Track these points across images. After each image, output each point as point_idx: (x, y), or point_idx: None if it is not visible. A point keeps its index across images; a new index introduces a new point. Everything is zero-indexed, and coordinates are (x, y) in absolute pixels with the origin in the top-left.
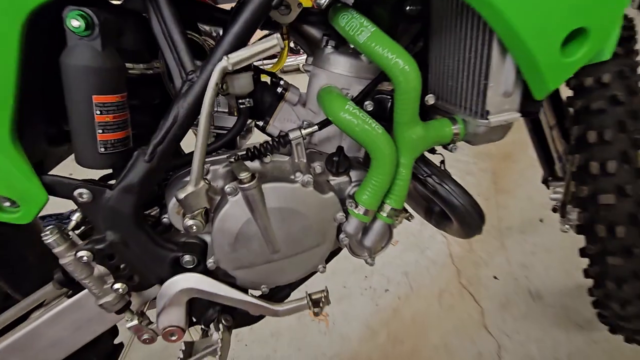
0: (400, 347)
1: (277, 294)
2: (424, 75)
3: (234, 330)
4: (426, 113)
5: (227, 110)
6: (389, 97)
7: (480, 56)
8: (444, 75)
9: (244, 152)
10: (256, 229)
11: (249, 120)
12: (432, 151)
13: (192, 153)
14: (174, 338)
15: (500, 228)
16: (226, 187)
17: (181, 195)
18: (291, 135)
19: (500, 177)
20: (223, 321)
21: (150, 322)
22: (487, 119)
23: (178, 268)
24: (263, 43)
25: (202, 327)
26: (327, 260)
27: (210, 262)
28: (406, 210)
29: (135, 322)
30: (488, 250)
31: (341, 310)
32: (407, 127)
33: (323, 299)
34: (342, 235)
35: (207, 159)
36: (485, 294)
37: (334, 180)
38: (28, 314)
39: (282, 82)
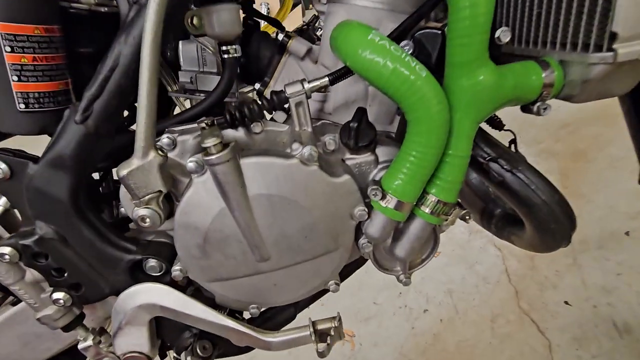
0: None
1: (276, 317)
2: None
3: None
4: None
5: (215, 70)
6: (438, 31)
7: None
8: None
9: (223, 117)
10: (234, 225)
11: (248, 86)
12: (497, 125)
13: (167, 120)
14: None
15: (572, 242)
16: (188, 160)
17: (122, 172)
18: (289, 91)
19: (571, 180)
20: (199, 350)
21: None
22: (612, 50)
23: (141, 275)
24: None
25: (175, 355)
26: (344, 276)
27: (175, 271)
28: (461, 206)
29: (90, 342)
30: (556, 269)
31: (369, 331)
32: (470, 71)
33: (332, 332)
34: (362, 240)
35: (174, 127)
36: (553, 323)
37: (353, 159)
38: None
39: (287, 31)
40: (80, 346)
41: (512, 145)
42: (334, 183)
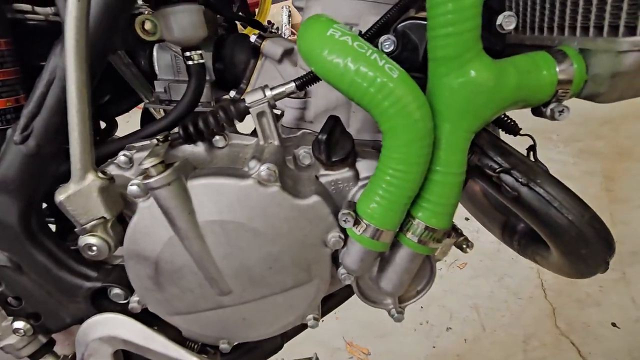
0: None
1: (262, 347)
2: None
3: None
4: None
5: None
6: (425, 22)
7: None
8: None
9: (178, 131)
10: (186, 255)
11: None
12: (511, 129)
13: (133, 134)
14: None
15: (619, 252)
16: (130, 183)
17: (59, 197)
18: (248, 100)
19: (616, 182)
20: None
21: None
22: None
23: (106, 303)
24: None
25: None
26: (330, 307)
27: (133, 302)
28: (458, 232)
29: None
30: (601, 284)
31: (386, 348)
32: (458, 67)
33: None
34: (342, 270)
35: (133, 144)
36: (596, 347)
37: (327, 176)
38: None
39: (262, 32)
40: None
41: (531, 153)
42: (299, 206)
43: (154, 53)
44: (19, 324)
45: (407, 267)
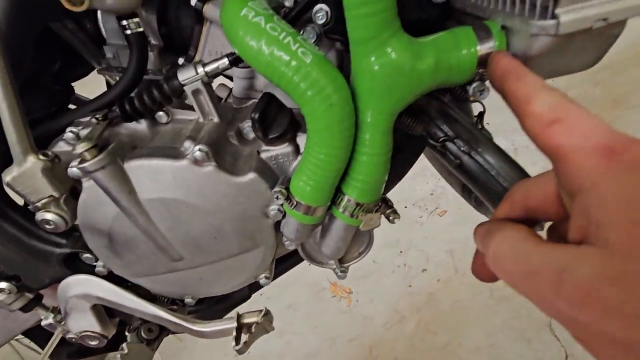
0: (432, 339)
1: (230, 297)
2: None
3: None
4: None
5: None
6: None
7: None
8: None
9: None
10: (134, 228)
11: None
12: (458, 97)
13: (77, 109)
14: (94, 343)
15: None
16: (69, 165)
17: (5, 179)
18: (181, 77)
19: None
20: (143, 333)
21: None
22: (552, 17)
23: (80, 265)
24: None
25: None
26: (285, 268)
27: (99, 267)
28: (387, 203)
29: (51, 320)
30: None
31: (367, 288)
32: (373, 49)
33: (254, 327)
34: (284, 238)
35: (80, 119)
36: None
37: (267, 152)
38: None
39: None
40: (43, 323)
41: (480, 118)
42: (236, 183)
43: (99, 16)
44: (3, 285)
45: (342, 235)
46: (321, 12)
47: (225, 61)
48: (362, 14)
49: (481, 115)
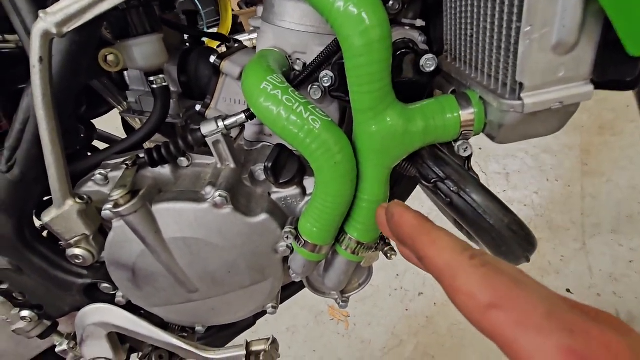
0: None
1: (236, 325)
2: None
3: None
4: (424, 91)
5: None
6: None
7: None
8: (460, 16)
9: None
10: (157, 263)
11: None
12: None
13: (108, 149)
14: None
15: (583, 224)
16: (103, 208)
17: (44, 219)
18: (204, 130)
19: (592, 157)
20: (154, 359)
21: None
22: (518, 98)
23: (98, 294)
24: None
25: None
26: (288, 295)
27: (119, 297)
28: (385, 241)
29: (65, 346)
30: (562, 253)
31: (364, 311)
32: (372, 117)
33: (262, 355)
34: (291, 271)
35: (109, 161)
36: None
37: (277, 194)
38: None
39: (224, 47)
40: (57, 349)
41: (467, 161)
42: (250, 223)
43: None
44: (25, 313)
45: (344, 269)
46: (327, 77)
47: (243, 117)
48: (364, 91)
49: (469, 158)
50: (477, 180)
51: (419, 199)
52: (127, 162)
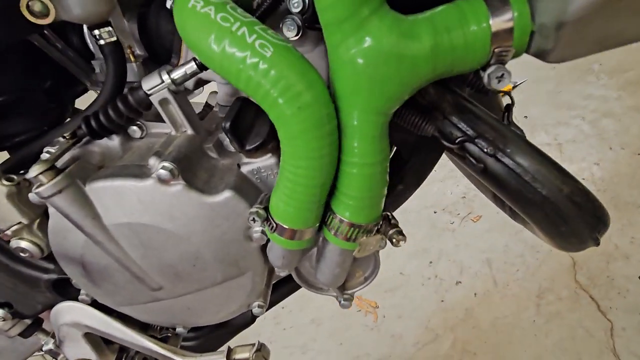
0: None
1: (232, 321)
2: None
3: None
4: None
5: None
6: None
7: None
8: None
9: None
10: (105, 255)
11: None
12: (478, 88)
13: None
14: None
15: None
16: (31, 191)
17: None
18: (145, 86)
19: None
20: None
21: None
22: None
23: (72, 291)
24: None
25: None
26: (283, 294)
27: (82, 294)
28: (390, 222)
29: (51, 346)
30: (632, 235)
31: (394, 302)
32: (348, 31)
33: None
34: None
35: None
36: (618, 302)
37: (248, 165)
38: None
39: None
40: (44, 349)
41: (507, 112)
42: (210, 203)
43: (84, 29)
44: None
45: (337, 261)
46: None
47: (193, 65)
48: None
49: (508, 108)
50: (521, 137)
51: (454, 177)
52: (65, 135)
